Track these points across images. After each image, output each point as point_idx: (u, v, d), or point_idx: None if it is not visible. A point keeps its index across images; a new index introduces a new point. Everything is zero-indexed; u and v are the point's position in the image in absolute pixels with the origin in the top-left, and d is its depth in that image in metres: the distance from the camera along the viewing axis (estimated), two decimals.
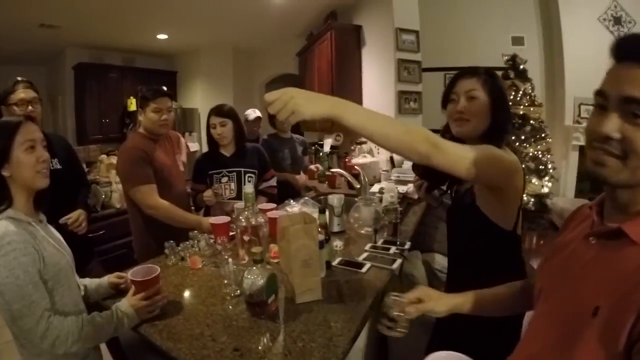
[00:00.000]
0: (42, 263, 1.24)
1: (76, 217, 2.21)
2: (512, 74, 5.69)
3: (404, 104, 4.09)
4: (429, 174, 1.68)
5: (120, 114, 6.26)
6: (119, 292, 1.61)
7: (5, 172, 1.26)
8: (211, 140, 2.61)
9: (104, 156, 4.24)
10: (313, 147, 4.42)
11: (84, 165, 3.19)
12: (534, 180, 5.30)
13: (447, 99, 1.51)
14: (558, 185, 6.04)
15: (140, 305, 1.39)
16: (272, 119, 3.37)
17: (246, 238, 1.65)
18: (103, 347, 1.65)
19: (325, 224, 1.78)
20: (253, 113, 4.09)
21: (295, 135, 3.62)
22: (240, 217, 1.75)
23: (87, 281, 1.60)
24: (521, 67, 5.67)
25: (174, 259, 1.95)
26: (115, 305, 1.39)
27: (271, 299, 1.43)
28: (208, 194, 2.46)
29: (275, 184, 2.78)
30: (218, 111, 2.55)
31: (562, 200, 5.91)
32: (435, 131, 1.16)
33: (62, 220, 1.73)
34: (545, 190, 5.48)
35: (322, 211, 1.81)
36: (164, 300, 1.48)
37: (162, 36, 5.93)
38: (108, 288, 1.62)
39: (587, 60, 5.82)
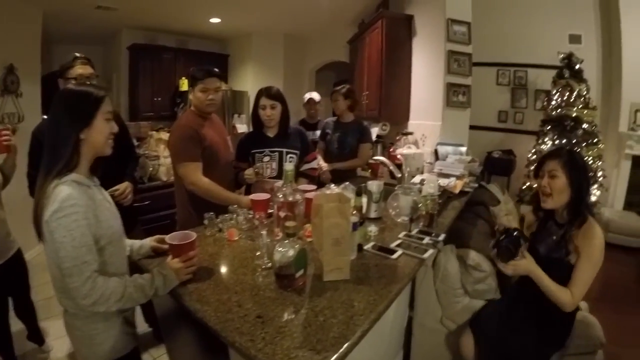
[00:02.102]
0: (98, 225, 1.35)
1: (123, 189, 2.34)
2: (567, 73, 5.48)
3: (452, 96, 4.00)
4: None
5: (171, 93, 6.43)
6: (157, 254, 1.73)
7: (83, 135, 1.37)
8: (257, 120, 2.66)
9: (154, 132, 4.43)
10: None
11: (134, 140, 3.35)
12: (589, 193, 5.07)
13: (536, 174, 1.91)
14: (607, 195, 5.78)
15: (178, 266, 1.47)
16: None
17: (282, 214, 1.69)
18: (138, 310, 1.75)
19: (360, 207, 1.81)
20: (307, 95, 4.15)
21: (361, 122, 3.65)
22: (278, 194, 1.80)
23: (130, 242, 1.72)
24: (577, 66, 5.44)
25: (212, 230, 2.04)
26: (156, 268, 1.48)
27: (299, 273, 1.47)
28: (249, 172, 2.52)
29: (316, 166, 2.82)
30: (269, 93, 2.58)
31: (610, 211, 5.63)
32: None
33: (109, 191, 1.85)
34: (593, 199, 5.25)
35: (358, 194, 1.83)
36: (198, 263, 1.57)
37: (215, 20, 6.05)
38: (149, 250, 1.74)
39: None
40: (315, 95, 4.22)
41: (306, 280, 1.52)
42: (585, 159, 5.14)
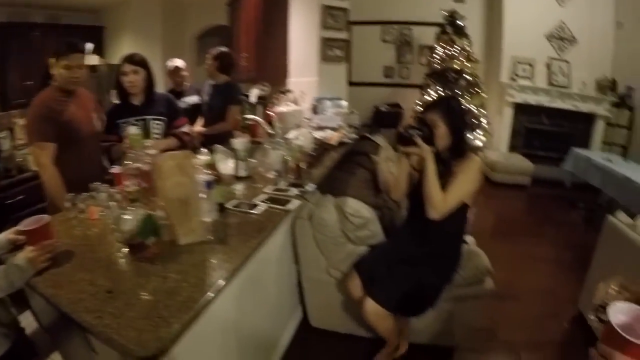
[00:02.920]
0: None
1: None
2: (449, 30, 5.72)
3: (328, 51, 4.01)
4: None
5: (42, 75, 5.81)
6: (17, 247, 1.52)
7: None
8: (121, 90, 2.50)
9: (19, 119, 4.02)
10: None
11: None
12: (467, 133, 5.41)
13: None
14: (491, 139, 6.21)
15: (32, 255, 1.33)
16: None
17: (128, 183, 1.57)
18: None
19: (213, 165, 1.73)
20: (170, 63, 3.92)
21: (229, 83, 3.50)
22: (128, 162, 1.67)
23: None
24: (460, 23, 5.71)
25: (74, 211, 1.86)
26: (9, 260, 1.34)
27: (150, 241, 1.39)
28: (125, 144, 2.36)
29: (187, 130, 2.70)
30: (130, 59, 2.46)
31: (495, 154, 6.12)
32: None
33: None
34: (479, 143, 5.62)
35: (210, 152, 1.75)
36: (55, 248, 1.42)
37: None
38: (7, 244, 1.53)
39: (526, 21, 5.99)
40: (180, 62, 4.00)
41: (161, 247, 1.44)
42: (469, 107, 5.47)
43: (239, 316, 1.75)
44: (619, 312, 0.71)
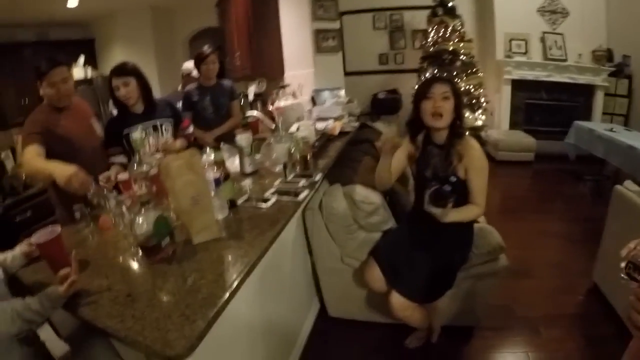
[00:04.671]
0: None
1: None
2: (440, 11, 5.69)
3: (321, 42, 4.00)
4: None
5: (38, 91, 5.81)
6: (33, 259, 1.54)
7: None
8: (118, 103, 2.43)
9: (19, 137, 4.02)
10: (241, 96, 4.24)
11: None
12: (467, 114, 5.39)
13: (422, 96, 1.87)
14: (492, 118, 6.20)
15: (62, 291, 1.24)
16: (197, 63, 3.22)
17: (137, 187, 1.57)
18: None
19: (222, 162, 1.72)
20: (187, 65, 3.86)
21: (223, 81, 3.41)
22: (135, 165, 1.66)
23: (2, 257, 1.50)
24: (450, 4, 5.67)
25: (86, 222, 1.86)
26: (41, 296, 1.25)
27: (165, 242, 1.39)
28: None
29: (191, 131, 2.68)
30: (118, 72, 2.36)
31: (497, 132, 6.11)
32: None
33: None
34: (479, 123, 5.60)
35: (216, 149, 1.74)
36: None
37: (72, 3, 5.50)
38: (22, 258, 1.53)
39: None
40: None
41: (176, 247, 1.44)
42: (467, 87, 5.45)
43: (260, 310, 1.76)
44: None
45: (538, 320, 2.47)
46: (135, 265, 1.43)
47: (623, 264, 0.94)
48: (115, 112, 2.50)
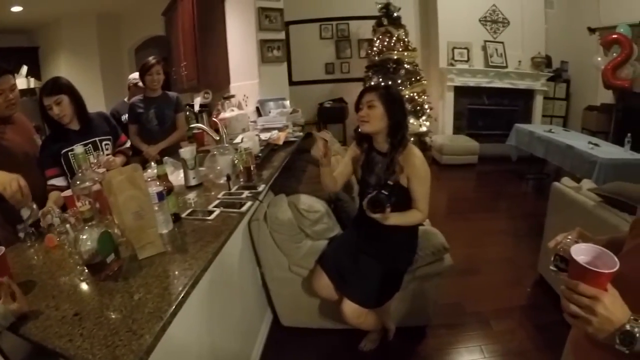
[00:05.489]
0: None
1: None
2: (385, 21, 5.88)
3: (267, 52, 4.05)
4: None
5: None
6: None
7: None
8: (51, 122, 2.29)
9: None
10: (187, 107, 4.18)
11: None
12: (412, 120, 5.57)
13: (356, 107, 2.00)
14: (436, 124, 6.44)
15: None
16: (142, 74, 3.16)
17: (80, 203, 1.54)
18: None
19: (165, 175, 1.72)
20: (133, 77, 3.75)
21: (168, 93, 3.36)
22: (77, 182, 1.64)
23: None
24: (395, 14, 5.87)
25: (31, 240, 1.77)
26: None
27: (111, 259, 1.37)
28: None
29: (129, 145, 2.63)
30: (48, 91, 2.22)
31: (441, 137, 6.35)
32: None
33: None
34: (424, 129, 5.81)
35: (159, 163, 1.75)
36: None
37: (16, 8, 5.28)
38: None
39: (460, 7, 6.25)
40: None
41: (122, 263, 1.43)
42: (411, 95, 5.64)
43: (210, 323, 1.73)
44: (579, 253, 0.77)
45: (489, 314, 2.57)
46: (81, 283, 1.39)
47: (552, 257, 0.99)
48: (48, 131, 2.38)
